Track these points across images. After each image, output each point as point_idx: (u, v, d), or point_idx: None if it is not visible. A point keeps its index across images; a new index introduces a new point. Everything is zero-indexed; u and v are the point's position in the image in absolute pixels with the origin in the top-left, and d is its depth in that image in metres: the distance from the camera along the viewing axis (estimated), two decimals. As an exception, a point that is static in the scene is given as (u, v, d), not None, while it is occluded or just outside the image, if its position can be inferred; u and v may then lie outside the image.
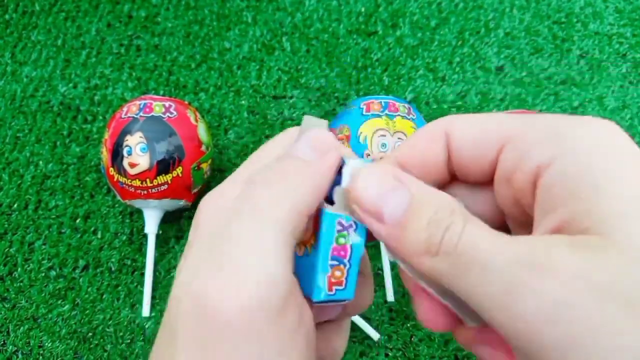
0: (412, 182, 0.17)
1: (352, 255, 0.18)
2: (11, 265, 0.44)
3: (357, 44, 0.54)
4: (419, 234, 0.16)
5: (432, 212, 0.16)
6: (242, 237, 0.16)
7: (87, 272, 0.44)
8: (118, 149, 0.40)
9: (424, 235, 0.16)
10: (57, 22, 0.57)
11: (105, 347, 0.41)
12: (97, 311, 0.42)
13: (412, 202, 0.17)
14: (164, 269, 0.44)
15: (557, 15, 0.54)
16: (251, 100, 0.51)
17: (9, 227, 0.46)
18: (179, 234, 0.45)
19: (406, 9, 0.56)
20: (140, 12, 0.57)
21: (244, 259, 0.16)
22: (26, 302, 0.43)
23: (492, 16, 0.55)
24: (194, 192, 0.43)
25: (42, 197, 0.47)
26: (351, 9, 0.56)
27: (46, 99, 0.52)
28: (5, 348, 0.41)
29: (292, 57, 0.53)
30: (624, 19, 0.53)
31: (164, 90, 0.52)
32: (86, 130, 0.50)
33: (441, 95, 0.51)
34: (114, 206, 0.47)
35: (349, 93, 0.51)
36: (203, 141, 0.42)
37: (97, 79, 0.53)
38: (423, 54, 0.53)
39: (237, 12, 0.57)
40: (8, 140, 0.50)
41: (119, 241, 0.45)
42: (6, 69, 0.54)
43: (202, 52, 0.54)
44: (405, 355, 0.40)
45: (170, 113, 0.41)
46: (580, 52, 0.52)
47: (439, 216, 0.16)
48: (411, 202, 0.17)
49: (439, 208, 0.16)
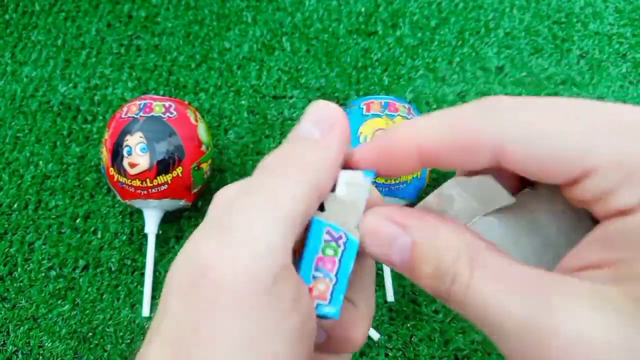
0: (413, 225, 0.17)
1: (340, 269, 0.17)
2: (11, 265, 0.44)
3: (357, 44, 0.54)
4: (427, 281, 0.16)
5: (436, 260, 0.16)
6: (247, 212, 0.16)
7: (87, 272, 0.44)
8: (118, 149, 0.40)
9: (433, 284, 0.16)
10: (57, 22, 0.57)
11: (105, 347, 0.41)
12: (97, 311, 0.42)
13: (414, 249, 0.17)
14: (164, 269, 0.44)
15: (557, 15, 0.54)
16: (251, 100, 0.51)
17: (9, 227, 0.46)
18: (179, 234, 0.45)
19: (406, 9, 0.56)
20: (140, 12, 0.57)
21: (245, 230, 0.16)
22: (26, 302, 0.43)
23: (492, 16, 0.55)
24: (194, 192, 0.43)
25: (42, 197, 0.47)
26: (351, 9, 0.56)
27: (46, 99, 0.52)
28: (5, 348, 0.41)
29: (292, 57, 0.53)
30: (624, 19, 0.53)
31: (164, 90, 0.52)
32: (86, 130, 0.50)
33: (441, 95, 0.51)
34: (114, 206, 0.47)
35: (349, 93, 0.51)
36: (203, 141, 0.42)
37: (97, 79, 0.53)
38: (423, 54, 0.53)
39: (237, 12, 0.57)
40: (8, 140, 0.50)
41: (119, 241, 0.45)
42: (6, 69, 0.54)
43: (202, 52, 0.54)
44: (405, 355, 0.40)
45: (170, 113, 0.41)
46: (580, 52, 0.52)
47: (443, 266, 0.16)
48: (413, 249, 0.17)
49: (442, 255, 0.16)
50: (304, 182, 0.17)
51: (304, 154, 0.17)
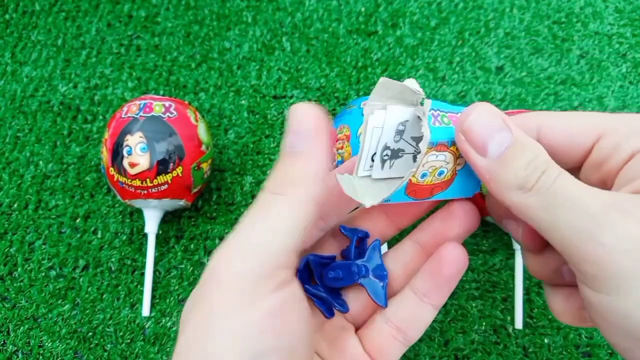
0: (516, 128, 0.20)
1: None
2: (11, 265, 0.44)
3: (357, 44, 0.54)
4: (517, 171, 0.19)
5: (532, 156, 0.19)
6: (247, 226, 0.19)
7: (87, 272, 0.44)
8: (118, 148, 0.40)
9: (522, 173, 0.19)
10: (57, 22, 0.57)
11: (105, 347, 0.41)
12: (97, 311, 0.42)
13: (515, 143, 0.19)
14: (164, 268, 0.44)
15: (557, 15, 0.54)
16: (251, 100, 0.51)
17: (9, 227, 0.46)
18: (179, 234, 0.45)
19: (406, 9, 0.56)
20: (140, 12, 0.57)
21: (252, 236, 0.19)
22: (26, 302, 0.43)
23: (492, 16, 0.55)
24: (194, 192, 0.43)
25: (42, 197, 0.47)
26: (351, 9, 0.56)
27: (46, 99, 0.52)
28: (5, 348, 0.41)
29: (292, 57, 0.53)
30: (624, 19, 0.53)
31: (164, 90, 0.52)
32: (86, 130, 0.50)
33: (441, 95, 0.51)
34: (114, 206, 0.47)
35: (349, 93, 0.51)
36: (203, 141, 0.42)
37: (97, 79, 0.53)
38: (423, 54, 0.53)
39: (237, 12, 0.57)
40: (8, 140, 0.50)
41: (119, 241, 0.45)
42: (6, 69, 0.54)
43: (202, 52, 0.54)
44: (405, 355, 0.40)
45: (170, 113, 0.41)
46: (580, 52, 0.52)
47: (538, 160, 0.19)
48: (514, 143, 0.19)
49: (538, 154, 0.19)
50: (299, 198, 0.19)
51: (293, 171, 0.20)
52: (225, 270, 0.18)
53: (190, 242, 0.45)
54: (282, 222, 0.19)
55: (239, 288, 0.18)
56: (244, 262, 0.18)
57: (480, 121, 0.20)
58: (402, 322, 0.24)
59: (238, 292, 0.18)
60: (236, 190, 0.47)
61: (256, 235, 0.19)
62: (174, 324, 0.42)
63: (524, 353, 0.40)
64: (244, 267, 0.18)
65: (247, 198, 0.46)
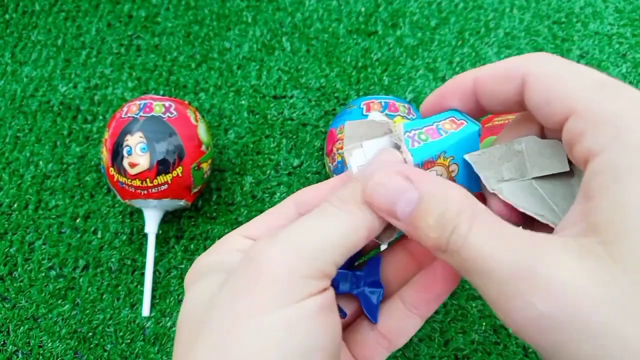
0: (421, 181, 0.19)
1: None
2: (11, 265, 0.44)
3: (357, 44, 0.54)
4: (428, 232, 0.18)
5: (440, 212, 0.18)
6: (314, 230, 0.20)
7: (87, 272, 0.44)
8: (118, 148, 0.40)
9: (433, 234, 0.18)
10: (57, 22, 0.57)
11: (105, 347, 0.41)
12: (97, 311, 0.42)
13: (420, 201, 0.18)
14: (164, 268, 0.44)
15: (557, 15, 0.54)
16: (251, 100, 0.51)
17: (9, 227, 0.46)
18: (179, 234, 0.45)
19: (406, 9, 0.56)
20: (140, 12, 0.57)
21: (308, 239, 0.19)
22: (26, 302, 0.43)
23: (492, 16, 0.55)
24: (194, 192, 0.43)
25: (42, 197, 0.47)
26: (351, 9, 0.56)
27: (46, 99, 0.52)
28: (5, 348, 0.41)
29: (292, 57, 0.53)
30: (624, 19, 0.53)
31: (164, 90, 0.52)
32: (86, 130, 0.50)
33: (441, 95, 0.51)
34: (114, 206, 0.47)
35: (349, 93, 0.51)
36: (203, 141, 0.42)
37: (97, 79, 0.53)
38: (423, 54, 0.53)
39: (237, 12, 0.57)
40: (8, 140, 0.50)
41: (119, 241, 0.45)
42: (6, 69, 0.54)
43: (202, 52, 0.54)
44: (405, 355, 0.40)
45: (170, 113, 0.41)
46: (580, 52, 0.52)
47: (446, 216, 0.18)
48: (419, 201, 0.18)
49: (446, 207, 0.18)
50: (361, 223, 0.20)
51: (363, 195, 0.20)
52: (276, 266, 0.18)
53: (190, 242, 0.45)
54: (339, 238, 0.19)
55: (286, 287, 0.18)
56: (300, 260, 0.18)
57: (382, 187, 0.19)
58: (389, 332, 0.24)
59: (284, 290, 0.18)
60: (236, 190, 0.47)
61: (313, 240, 0.19)
62: (174, 324, 0.42)
63: (524, 353, 0.40)
64: (297, 264, 0.18)
65: (247, 198, 0.47)
